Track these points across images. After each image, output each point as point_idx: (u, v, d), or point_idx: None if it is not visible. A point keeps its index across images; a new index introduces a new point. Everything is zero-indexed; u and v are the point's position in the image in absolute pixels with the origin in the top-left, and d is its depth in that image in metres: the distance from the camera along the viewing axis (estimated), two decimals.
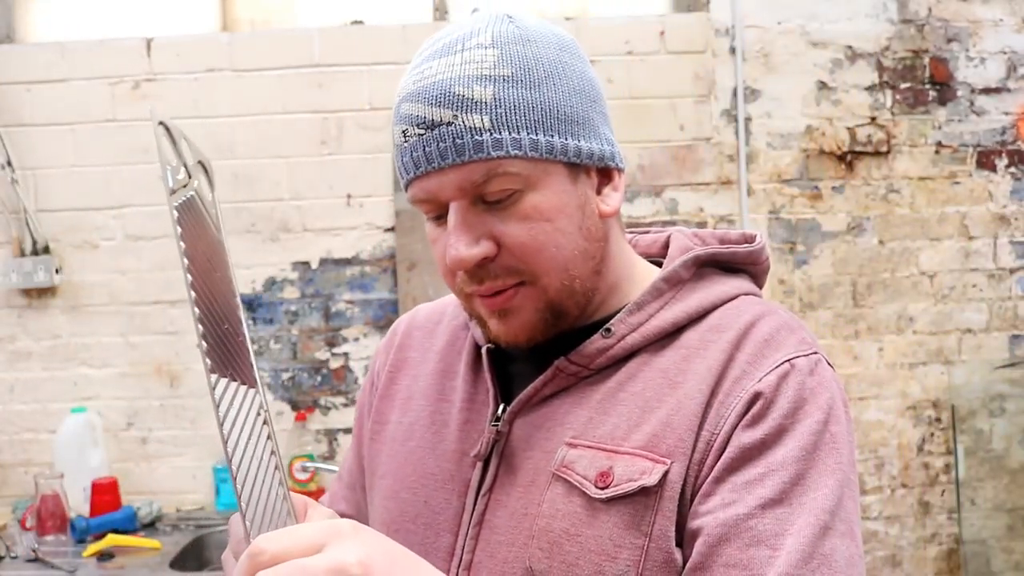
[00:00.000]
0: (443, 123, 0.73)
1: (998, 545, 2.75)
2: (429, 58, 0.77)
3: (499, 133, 0.73)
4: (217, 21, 2.78)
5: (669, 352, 0.79)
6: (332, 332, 2.67)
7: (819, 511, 0.69)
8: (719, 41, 2.66)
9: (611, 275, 0.83)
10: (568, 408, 0.79)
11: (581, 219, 0.78)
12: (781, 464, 0.70)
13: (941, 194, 2.73)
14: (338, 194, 2.64)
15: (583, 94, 0.78)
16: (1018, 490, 2.75)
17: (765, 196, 2.69)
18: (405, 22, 2.66)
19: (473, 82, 0.73)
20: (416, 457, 0.87)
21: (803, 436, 0.72)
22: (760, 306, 0.82)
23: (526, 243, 0.75)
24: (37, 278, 2.56)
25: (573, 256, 0.77)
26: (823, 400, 0.74)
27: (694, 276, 0.84)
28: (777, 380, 0.74)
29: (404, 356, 0.97)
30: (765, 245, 0.88)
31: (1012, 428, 2.74)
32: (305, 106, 2.62)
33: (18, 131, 2.60)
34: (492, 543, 0.78)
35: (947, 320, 2.73)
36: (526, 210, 0.75)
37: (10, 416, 2.65)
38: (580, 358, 0.80)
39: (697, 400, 0.74)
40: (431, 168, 0.74)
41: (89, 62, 2.60)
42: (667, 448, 0.73)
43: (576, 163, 0.77)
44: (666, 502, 0.72)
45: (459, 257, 0.75)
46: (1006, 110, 2.72)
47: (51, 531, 2.33)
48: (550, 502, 0.76)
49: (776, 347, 0.76)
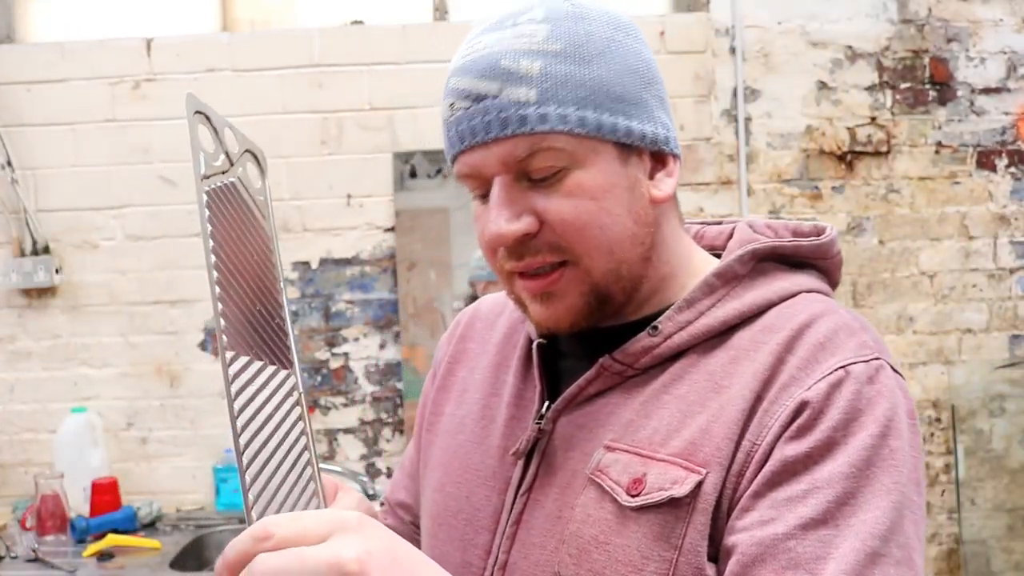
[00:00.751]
0: (488, 96, 0.71)
1: (998, 545, 2.75)
2: (481, 33, 0.75)
3: (545, 107, 0.70)
4: (217, 21, 2.78)
5: (718, 353, 0.74)
6: (332, 332, 2.67)
7: (868, 535, 0.63)
8: (719, 41, 2.66)
9: (663, 265, 0.79)
10: (612, 409, 0.76)
11: (630, 201, 0.74)
12: (828, 481, 0.64)
13: (941, 194, 2.73)
14: (338, 194, 2.64)
15: (637, 74, 0.75)
16: (1018, 490, 2.75)
17: (765, 196, 2.69)
18: (405, 22, 2.66)
19: (520, 56, 0.71)
20: (464, 451, 0.86)
21: (855, 451, 0.65)
22: (820, 305, 0.75)
23: (569, 220, 0.72)
24: (37, 278, 2.56)
25: (620, 238, 0.74)
26: (881, 411, 0.67)
27: (752, 272, 0.78)
28: (828, 388, 0.68)
29: (464, 347, 0.96)
30: (835, 238, 0.82)
31: (1012, 428, 2.74)
32: (305, 106, 2.62)
33: (18, 131, 2.60)
34: (527, 544, 0.76)
35: (947, 320, 2.73)
36: (570, 187, 0.72)
37: (10, 416, 2.65)
38: (625, 357, 0.76)
39: (739, 407, 0.69)
40: (475, 142, 0.72)
41: (89, 62, 2.60)
42: (704, 457, 0.69)
43: (627, 144, 0.74)
44: (698, 515, 0.68)
45: (499, 232, 0.72)
46: (1006, 110, 2.72)
47: (51, 531, 2.33)
48: (583, 507, 0.73)
49: (831, 351, 0.70)
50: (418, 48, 2.63)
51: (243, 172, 0.67)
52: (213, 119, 0.64)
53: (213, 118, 0.64)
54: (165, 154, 2.61)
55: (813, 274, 0.81)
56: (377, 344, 2.67)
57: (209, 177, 0.61)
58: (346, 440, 2.69)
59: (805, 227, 0.83)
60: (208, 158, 0.62)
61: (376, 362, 2.68)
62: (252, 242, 0.64)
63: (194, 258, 2.64)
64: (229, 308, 0.57)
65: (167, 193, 2.62)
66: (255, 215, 0.66)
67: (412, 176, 2.64)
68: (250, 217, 0.65)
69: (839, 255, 0.83)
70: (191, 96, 0.61)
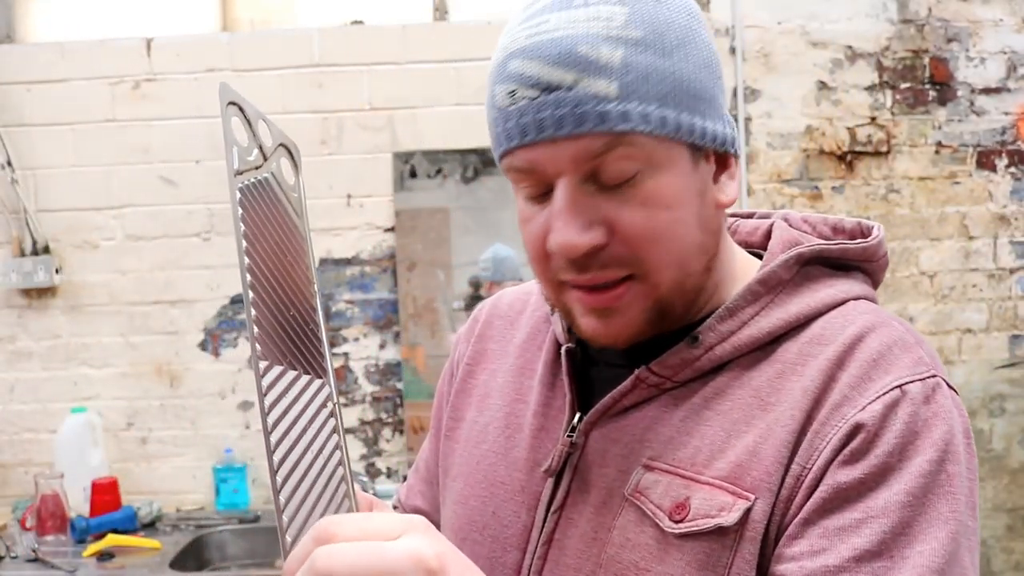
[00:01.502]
0: (563, 87, 0.62)
1: (998, 545, 2.75)
2: (545, 9, 0.66)
3: (627, 104, 0.63)
4: (217, 21, 2.78)
5: (764, 367, 0.69)
6: (332, 332, 2.67)
7: (925, 568, 0.59)
8: (719, 41, 2.66)
9: (718, 272, 0.74)
10: (649, 423, 0.71)
11: (700, 208, 0.68)
12: (883, 510, 0.61)
13: (941, 194, 2.73)
14: (338, 194, 2.64)
15: (711, 68, 0.68)
16: (1018, 490, 2.75)
17: (765, 196, 2.69)
18: (405, 22, 2.66)
19: (600, 42, 0.63)
20: (488, 463, 0.81)
21: (912, 478, 0.61)
22: (871, 315, 0.70)
23: (642, 232, 0.65)
24: (37, 278, 2.56)
25: (690, 250, 0.68)
26: (939, 434, 0.63)
27: (796, 276, 0.73)
28: (884, 410, 0.63)
29: (484, 347, 0.89)
30: (883, 239, 0.77)
31: (1012, 428, 2.74)
32: (305, 106, 2.62)
33: (18, 131, 2.59)
34: (560, 565, 0.72)
35: (947, 320, 2.73)
36: (645, 194, 0.65)
37: (10, 416, 2.65)
38: (663, 369, 0.71)
39: (789, 428, 0.65)
40: (543, 137, 0.64)
41: (89, 62, 2.60)
42: (752, 481, 0.64)
43: (700, 145, 0.68)
44: (746, 543, 0.64)
45: (570, 244, 0.65)
46: (1006, 110, 2.72)
47: (51, 531, 2.33)
48: (621, 529, 0.69)
49: (886, 368, 0.65)
50: (418, 48, 2.63)
51: (277, 167, 0.62)
52: (247, 111, 0.58)
53: (247, 109, 0.58)
54: (165, 154, 2.61)
55: (859, 278, 0.76)
56: (377, 344, 2.67)
57: (242, 173, 0.57)
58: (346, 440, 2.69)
59: (847, 224, 0.78)
60: (242, 152, 0.57)
61: (376, 362, 2.68)
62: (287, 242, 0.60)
63: (194, 258, 2.64)
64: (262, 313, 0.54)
65: (167, 193, 2.62)
66: (289, 214, 0.61)
67: (412, 176, 2.64)
68: (284, 216, 0.60)
69: (886, 256, 0.78)
70: (224, 86, 0.56)
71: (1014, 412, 2.73)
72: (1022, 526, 2.75)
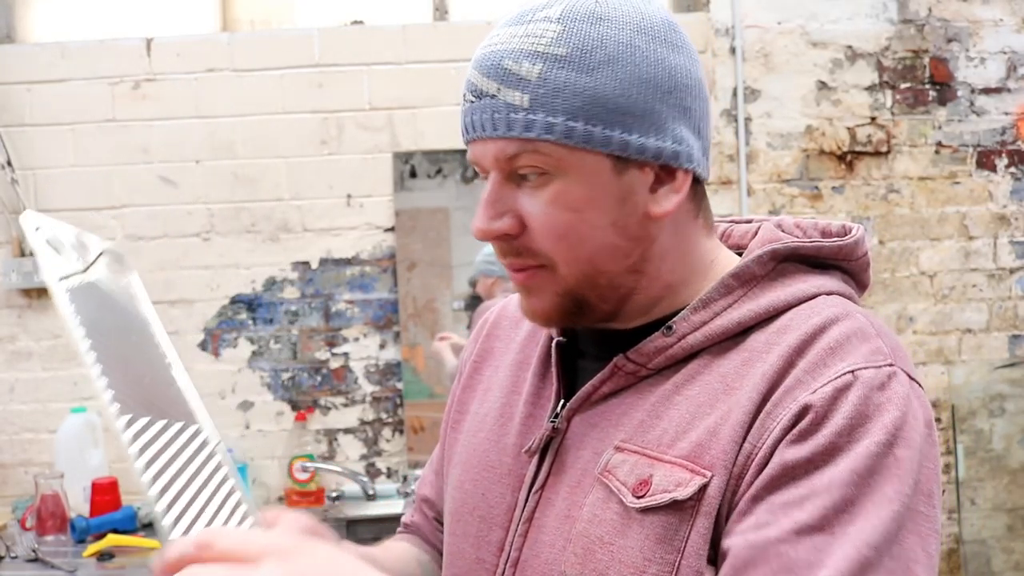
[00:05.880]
0: (488, 94, 0.72)
1: (998, 545, 2.75)
2: (504, 24, 0.75)
3: (534, 114, 0.70)
4: (217, 21, 2.78)
5: (732, 355, 0.73)
6: (332, 332, 2.67)
7: (863, 544, 0.61)
8: (719, 41, 2.66)
9: (669, 275, 0.78)
10: (624, 409, 0.76)
11: (618, 214, 0.73)
12: (827, 487, 0.63)
13: (941, 194, 2.73)
14: (338, 194, 2.64)
15: (652, 84, 0.72)
16: (1018, 490, 2.75)
17: (765, 196, 2.69)
18: (405, 22, 2.66)
19: (523, 57, 0.71)
20: (482, 449, 0.86)
21: (858, 458, 0.64)
22: (837, 308, 0.73)
23: (547, 228, 0.73)
24: (37, 278, 2.56)
25: (599, 250, 0.74)
26: (890, 419, 0.65)
27: (772, 272, 0.77)
28: (834, 392, 0.66)
29: (490, 346, 0.96)
30: (861, 238, 0.79)
31: (1012, 428, 2.74)
32: (305, 106, 2.62)
33: (18, 131, 2.60)
34: (538, 542, 0.77)
35: (947, 320, 2.73)
36: (552, 195, 0.72)
37: (10, 416, 2.65)
38: (638, 356, 0.76)
39: (746, 408, 0.68)
40: (474, 136, 0.74)
41: (89, 62, 2.60)
42: (710, 459, 0.68)
43: (623, 156, 0.72)
44: (701, 517, 0.67)
45: (479, 228, 0.75)
46: (1006, 110, 2.72)
47: (51, 531, 2.33)
48: (590, 506, 0.73)
49: (841, 355, 0.68)
50: (418, 48, 2.63)
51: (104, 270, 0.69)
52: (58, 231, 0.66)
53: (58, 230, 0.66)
54: (165, 154, 2.61)
55: (837, 276, 0.79)
56: (377, 344, 2.67)
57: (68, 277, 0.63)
58: (346, 440, 2.69)
59: (833, 227, 0.81)
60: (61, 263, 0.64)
61: (376, 362, 2.68)
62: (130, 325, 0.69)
63: (194, 258, 2.64)
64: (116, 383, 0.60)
65: (167, 193, 2.62)
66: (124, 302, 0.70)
67: (412, 176, 2.64)
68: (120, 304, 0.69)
69: (866, 256, 0.80)
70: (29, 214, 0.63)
71: (1014, 412, 2.73)
72: (1022, 526, 2.75)
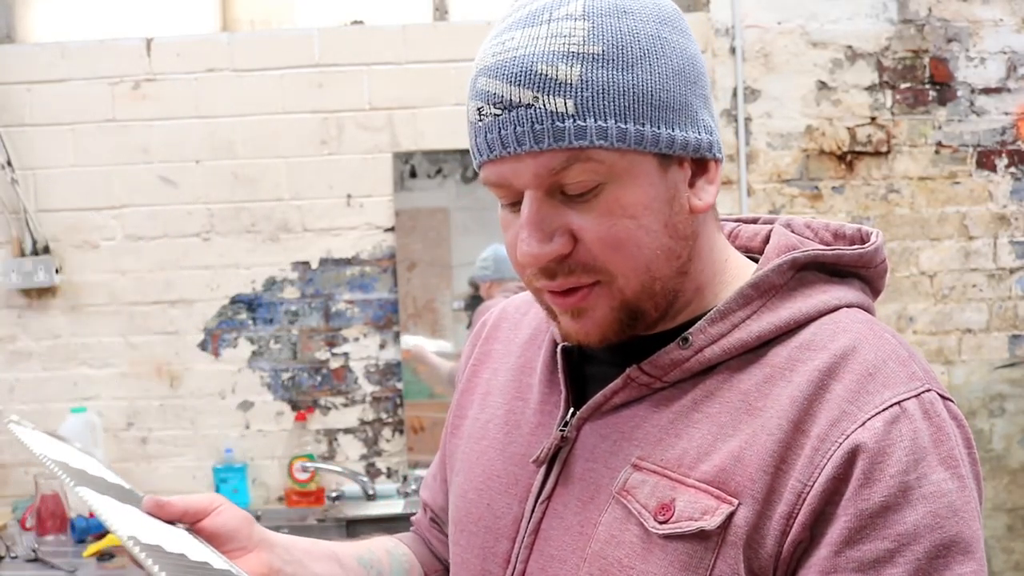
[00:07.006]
0: (522, 104, 0.65)
1: (998, 545, 2.75)
2: (512, 27, 0.68)
3: (583, 120, 0.65)
4: (217, 21, 2.78)
5: (753, 370, 0.70)
6: (332, 332, 2.67)
7: None
8: (719, 41, 2.66)
9: (699, 275, 0.75)
10: (638, 422, 0.73)
11: (668, 215, 0.70)
12: (912, 536, 0.61)
13: (941, 194, 2.73)
14: (338, 194, 2.64)
15: (683, 75, 0.69)
16: (1018, 490, 2.75)
17: (765, 196, 2.69)
18: (405, 22, 2.66)
19: (558, 60, 0.65)
20: (486, 458, 0.83)
21: (933, 497, 0.62)
22: (864, 325, 0.70)
23: (605, 240, 0.68)
24: (37, 278, 2.56)
25: (656, 255, 0.70)
26: (946, 450, 0.64)
27: (791, 281, 0.73)
28: (885, 427, 0.63)
29: (489, 348, 0.92)
30: (881, 245, 0.76)
31: (1012, 428, 2.74)
32: (305, 106, 2.62)
33: (18, 131, 2.60)
34: (545, 555, 0.74)
35: (947, 320, 2.73)
36: (608, 204, 0.67)
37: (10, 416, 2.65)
38: (653, 369, 0.72)
39: (775, 436, 0.65)
40: (506, 153, 0.67)
41: (89, 62, 2.60)
42: (735, 486, 0.65)
43: (668, 154, 0.69)
44: (728, 547, 0.65)
45: (531, 254, 0.68)
46: (1006, 110, 2.72)
47: (51, 531, 2.34)
48: (607, 526, 0.70)
49: (882, 382, 0.65)
50: (418, 48, 2.63)
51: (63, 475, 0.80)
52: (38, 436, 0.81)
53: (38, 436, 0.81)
54: (165, 154, 2.61)
55: (856, 284, 0.76)
56: (377, 344, 2.67)
57: None
58: (346, 440, 2.69)
59: (848, 230, 0.78)
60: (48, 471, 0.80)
61: (376, 362, 2.68)
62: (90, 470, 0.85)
63: (194, 258, 2.64)
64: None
65: (167, 193, 2.62)
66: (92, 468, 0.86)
67: (412, 176, 2.64)
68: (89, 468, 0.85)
69: (884, 263, 0.77)
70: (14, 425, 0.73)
71: (1014, 412, 2.73)
72: (1022, 526, 2.75)
